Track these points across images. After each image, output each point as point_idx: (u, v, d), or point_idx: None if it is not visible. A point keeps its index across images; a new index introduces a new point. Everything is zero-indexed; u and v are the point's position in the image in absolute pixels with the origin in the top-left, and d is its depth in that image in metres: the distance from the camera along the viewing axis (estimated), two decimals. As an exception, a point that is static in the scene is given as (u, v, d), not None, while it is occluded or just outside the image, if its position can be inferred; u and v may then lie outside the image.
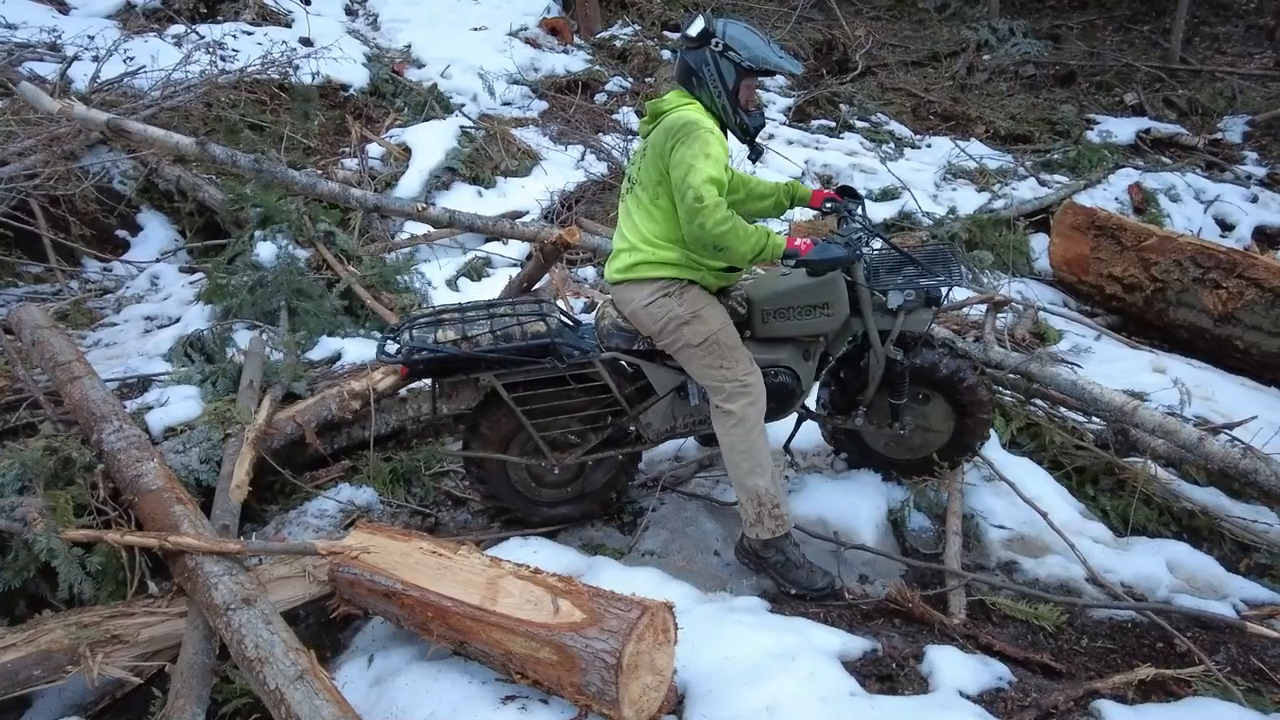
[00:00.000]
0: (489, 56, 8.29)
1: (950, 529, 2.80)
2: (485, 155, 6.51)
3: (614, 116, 8.08)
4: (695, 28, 2.54)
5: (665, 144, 2.47)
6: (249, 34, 7.67)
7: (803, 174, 7.08)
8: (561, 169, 6.67)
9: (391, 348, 2.63)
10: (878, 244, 2.98)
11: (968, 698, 2.09)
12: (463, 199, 6.06)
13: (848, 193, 2.94)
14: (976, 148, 8.06)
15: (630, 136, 7.52)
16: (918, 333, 2.83)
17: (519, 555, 2.62)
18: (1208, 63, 9.43)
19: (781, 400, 2.83)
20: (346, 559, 2.27)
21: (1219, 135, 8.52)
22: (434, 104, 7.39)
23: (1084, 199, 7.11)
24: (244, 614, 2.01)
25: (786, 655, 2.17)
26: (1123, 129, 8.56)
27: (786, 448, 3.17)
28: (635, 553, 2.88)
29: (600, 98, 8.39)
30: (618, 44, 9.28)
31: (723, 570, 2.80)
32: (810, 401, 3.13)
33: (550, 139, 7.31)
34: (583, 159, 6.88)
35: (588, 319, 3.15)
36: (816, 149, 7.61)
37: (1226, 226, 7.21)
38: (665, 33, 9.66)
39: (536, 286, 3.96)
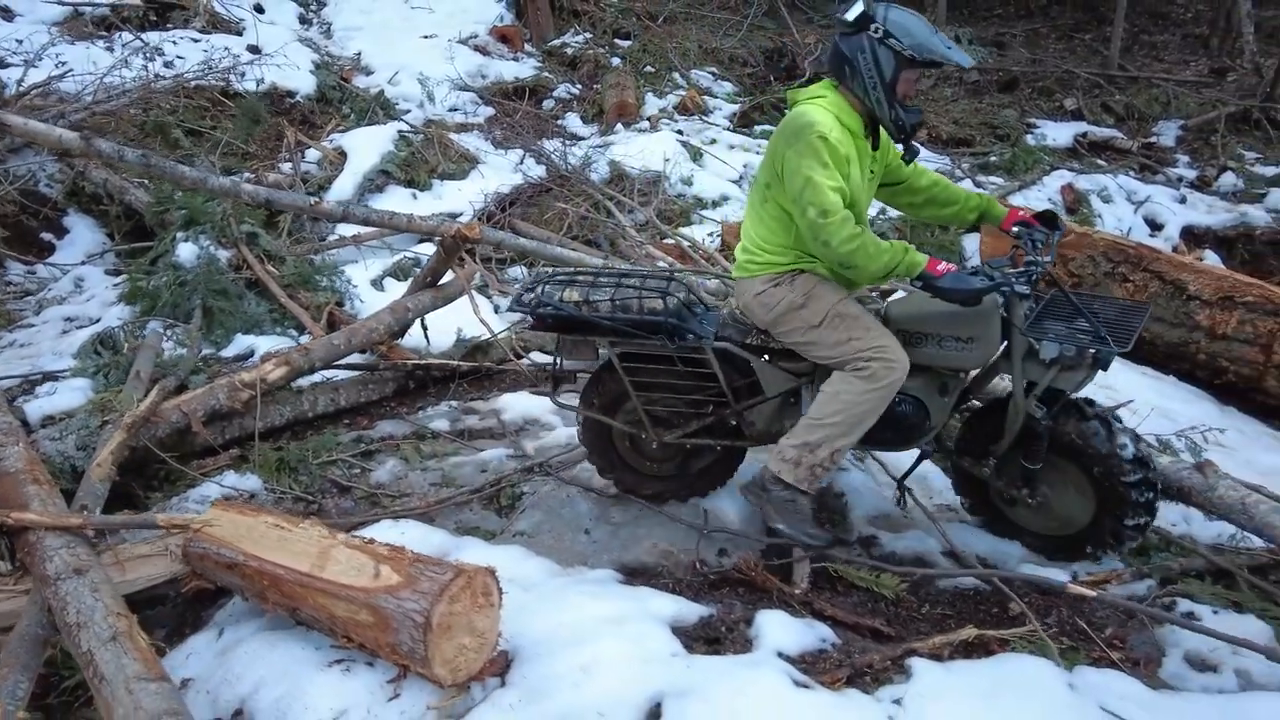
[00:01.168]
0: (437, 64, 8.39)
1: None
2: (421, 159, 6.60)
3: (559, 122, 8.20)
4: (853, 11, 2.31)
5: (779, 142, 2.35)
6: (196, 41, 7.76)
7: (740, 178, 7.20)
8: (499, 172, 6.76)
9: (528, 298, 2.73)
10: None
11: (786, 658, 2.16)
12: (396, 201, 6.14)
13: (1047, 219, 2.66)
14: (915, 151, 8.20)
15: (573, 141, 7.63)
16: (1066, 393, 2.53)
17: (387, 536, 2.67)
18: (1145, 69, 9.65)
19: (901, 431, 2.60)
20: (194, 533, 2.33)
21: (1153, 139, 8.72)
22: (378, 110, 7.49)
23: (1018, 200, 7.26)
24: (72, 583, 2.06)
25: (618, 621, 2.24)
26: (1062, 133, 8.75)
27: (901, 482, 2.91)
28: (508, 534, 2.94)
29: (548, 104, 8.51)
30: (569, 51, 9.41)
31: (589, 548, 2.87)
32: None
33: (492, 143, 7.41)
34: (521, 162, 6.98)
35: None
36: (757, 154, 7.73)
37: (1156, 226, 7.37)
38: (616, 40, 9.80)
39: (441, 282, 4.03)
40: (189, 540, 2.36)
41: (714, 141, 7.78)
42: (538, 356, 4.27)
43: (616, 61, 9.21)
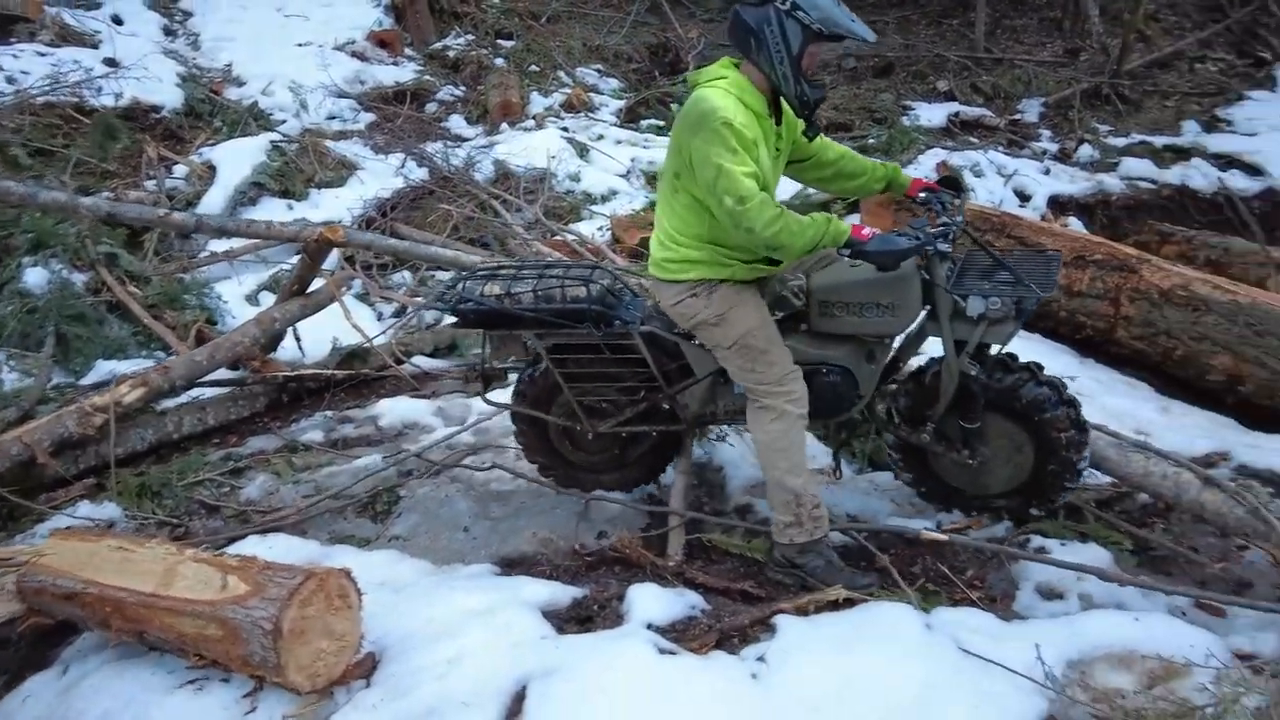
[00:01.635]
0: (313, 72, 8.14)
1: (679, 477, 2.89)
2: (296, 169, 6.39)
3: (443, 124, 8.07)
4: None
5: (682, 131, 2.30)
6: (43, 55, 7.30)
7: (628, 172, 7.24)
8: (380, 177, 6.61)
9: (449, 295, 2.63)
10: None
11: (655, 628, 2.19)
12: (271, 213, 5.92)
13: (951, 184, 2.69)
14: (797, 137, 8.44)
15: (457, 143, 7.52)
16: (998, 346, 2.52)
17: (254, 551, 2.57)
18: (1008, 52, 10.20)
19: (829, 402, 2.58)
20: (28, 566, 2.18)
21: (1018, 116, 9.23)
22: (251, 121, 7.21)
23: (896, 179, 7.56)
24: (-122, 629, 1.90)
25: (488, 611, 2.22)
26: (935, 114, 9.15)
27: (835, 455, 2.93)
28: (383, 539, 2.87)
29: (431, 107, 8.37)
30: (451, 54, 9.27)
31: (467, 545, 2.84)
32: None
33: (373, 149, 7.23)
34: (403, 166, 6.84)
35: None
36: (644, 148, 7.79)
37: (1024, 197, 7.77)
38: (499, 41, 9.72)
39: (309, 290, 3.90)
40: (23, 575, 2.21)
41: (601, 138, 7.80)
42: (420, 360, 4.19)
43: (500, 62, 9.13)
